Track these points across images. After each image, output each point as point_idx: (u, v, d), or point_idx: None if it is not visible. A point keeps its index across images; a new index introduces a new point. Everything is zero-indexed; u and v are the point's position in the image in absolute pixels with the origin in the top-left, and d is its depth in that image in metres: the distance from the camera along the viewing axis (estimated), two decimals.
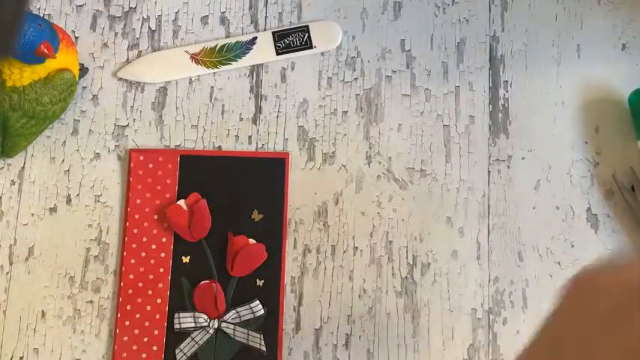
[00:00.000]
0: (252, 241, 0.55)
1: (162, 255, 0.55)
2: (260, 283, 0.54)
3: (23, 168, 0.57)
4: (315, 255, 0.56)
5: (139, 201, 0.56)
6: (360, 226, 0.56)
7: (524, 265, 0.56)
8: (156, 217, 0.55)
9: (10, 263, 0.56)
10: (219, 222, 0.55)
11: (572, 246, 0.56)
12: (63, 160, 0.57)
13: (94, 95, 0.58)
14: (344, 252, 0.56)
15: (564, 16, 0.60)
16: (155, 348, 0.53)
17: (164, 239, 0.55)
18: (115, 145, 0.57)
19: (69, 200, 0.56)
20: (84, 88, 0.58)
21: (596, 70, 0.59)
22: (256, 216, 0.56)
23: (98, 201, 0.56)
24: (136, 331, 0.54)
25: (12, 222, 0.56)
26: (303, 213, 0.56)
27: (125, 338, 0.53)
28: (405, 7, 0.60)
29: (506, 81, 0.59)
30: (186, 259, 0.55)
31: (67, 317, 0.55)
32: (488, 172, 0.57)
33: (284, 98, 0.58)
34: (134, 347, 0.53)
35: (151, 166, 0.56)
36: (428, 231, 0.56)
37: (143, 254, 0.55)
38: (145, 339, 0.53)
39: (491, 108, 0.58)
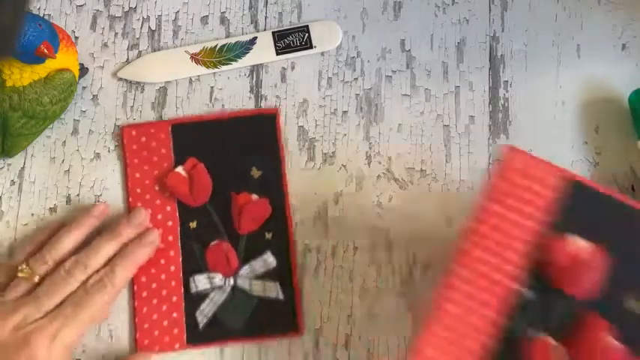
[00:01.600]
0: (254, 197, 0.55)
1: (170, 224, 0.55)
2: (269, 236, 0.55)
3: (23, 168, 0.57)
4: (316, 255, 0.56)
5: (137, 175, 0.56)
6: (360, 226, 0.56)
7: None
8: (157, 187, 0.56)
9: None
10: (220, 183, 0.56)
11: None
12: (63, 160, 0.57)
13: (94, 95, 0.58)
14: (344, 252, 0.56)
15: (564, 16, 0.60)
16: (175, 314, 0.54)
17: (168, 208, 0.55)
18: (115, 145, 0.57)
19: (69, 200, 0.57)
20: (84, 88, 0.58)
21: (596, 70, 0.59)
22: (255, 173, 0.56)
23: (98, 201, 0.56)
24: (155, 301, 0.54)
25: (12, 222, 0.56)
26: (303, 213, 0.56)
27: (145, 309, 0.54)
28: (405, 7, 0.60)
29: (506, 81, 0.59)
30: (193, 225, 0.55)
31: None
32: (489, 172, 0.57)
33: (284, 98, 0.58)
34: (154, 317, 0.54)
35: (143, 139, 0.56)
36: (428, 231, 0.56)
37: (150, 226, 0.55)
38: (164, 307, 0.54)
39: (491, 108, 0.58)
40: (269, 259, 0.54)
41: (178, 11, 0.60)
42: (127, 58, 0.59)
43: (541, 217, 0.41)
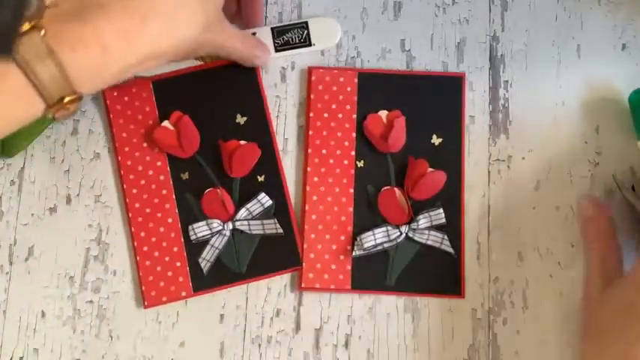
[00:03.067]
0: (242, 142, 0.56)
1: (162, 178, 0.56)
2: (261, 178, 0.56)
3: (23, 168, 0.57)
4: None
5: (124, 134, 0.56)
6: None
7: (524, 265, 0.56)
8: (145, 144, 0.56)
9: (10, 263, 0.56)
10: (207, 133, 0.56)
11: (572, 246, 0.56)
12: (63, 160, 0.57)
13: (94, 95, 0.58)
14: None
15: (564, 16, 0.60)
16: (179, 264, 0.55)
17: (159, 163, 0.56)
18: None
19: (69, 200, 0.56)
20: None
21: (596, 70, 0.59)
22: (240, 119, 0.56)
23: (98, 201, 0.56)
24: (156, 254, 0.55)
25: (12, 222, 0.56)
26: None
27: (147, 263, 0.55)
28: (405, 7, 0.60)
29: (507, 81, 0.59)
30: (185, 176, 0.56)
31: (67, 317, 0.55)
32: (489, 172, 0.57)
33: (284, 98, 0.58)
34: (158, 269, 0.55)
35: (126, 98, 0.57)
36: None
37: (143, 182, 0.56)
38: (167, 258, 0.55)
39: (491, 108, 0.58)
40: (264, 200, 0.55)
41: None
42: None
43: (348, 108, 0.57)
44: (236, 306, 0.55)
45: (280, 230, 0.55)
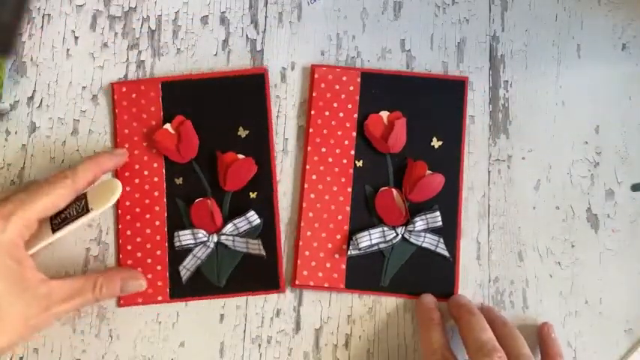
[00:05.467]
0: (240, 156, 0.56)
1: (156, 179, 0.56)
2: (253, 195, 0.56)
3: (23, 168, 0.57)
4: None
5: (126, 131, 0.57)
6: None
7: (524, 265, 0.56)
8: (144, 144, 0.56)
9: None
10: (207, 141, 0.56)
11: (572, 246, 0.56)
12: (63, 160, 0.57)
13: (93, 95, 0.58)
14: None
15: (564, 16, 0.60)
16: (159, 267, 0.55)
17: (155, 164, 0.56)
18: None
19: None
20: (83, 88, 0.58)
21: (596, 70, 0.59)
22: (242, 132, 0.56)
23: None
24: (139, 254, 0.55)
25: None
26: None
27: (129, 262, 0.55)
28: (405, 7, 0.60)
29: (506, 81, 0.59)
30: (179, 181, 0.56)
31: (66, 317, 0.55)
32: (489, 172, 0.57)
33: (284, 98, 0.58)
34: (139, 269, 0.55)
35: (134, 95, 0.57)
36: None
37: (137, 181, 0.56)
38: (149, 260, 0.55)
39: (491, 108, 0.58)
40: (252, 218, 0.55)
41: (178, 11, 0.60)
42: (127, 58, 0.59)
43: (350, 107, 0.57)
44: (236, 306, 0.55)
45: (263, 252, 0.54)
